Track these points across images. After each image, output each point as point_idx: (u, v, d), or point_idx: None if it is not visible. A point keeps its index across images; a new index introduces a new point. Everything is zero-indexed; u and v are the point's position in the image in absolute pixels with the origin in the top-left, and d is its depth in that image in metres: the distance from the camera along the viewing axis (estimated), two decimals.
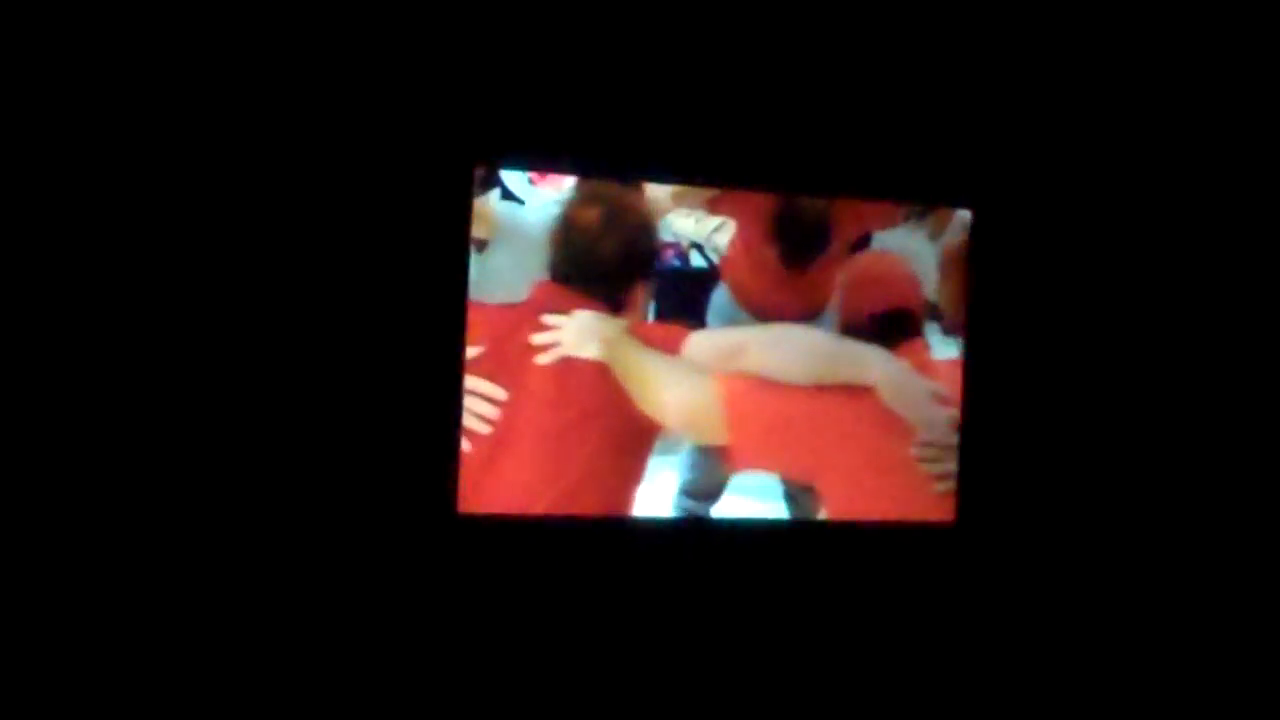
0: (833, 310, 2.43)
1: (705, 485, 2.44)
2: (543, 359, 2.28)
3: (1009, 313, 2.56)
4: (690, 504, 2.44)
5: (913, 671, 2.51)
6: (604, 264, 2.31)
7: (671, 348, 2.34)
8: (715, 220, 2.44)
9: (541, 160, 2.33)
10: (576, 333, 2.29)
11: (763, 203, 2.43)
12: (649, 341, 2.33)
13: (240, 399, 2.19)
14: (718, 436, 2.33)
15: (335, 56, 2.22)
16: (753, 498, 2.46)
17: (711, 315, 2.43)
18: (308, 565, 2.24)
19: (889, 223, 2.48)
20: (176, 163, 2.15)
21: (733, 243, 2.43)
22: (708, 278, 2.44)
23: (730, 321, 2.44)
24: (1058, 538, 2.59)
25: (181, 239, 2.16)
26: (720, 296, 2.44)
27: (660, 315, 2.41)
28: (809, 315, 2.44)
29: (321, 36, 2.21)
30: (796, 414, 2.34)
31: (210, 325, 2.18)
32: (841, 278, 2.43)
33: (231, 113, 2.18)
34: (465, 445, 2.27)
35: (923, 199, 2.51)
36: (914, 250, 2.49)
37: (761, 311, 2.43)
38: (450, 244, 2.28)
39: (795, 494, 2.46)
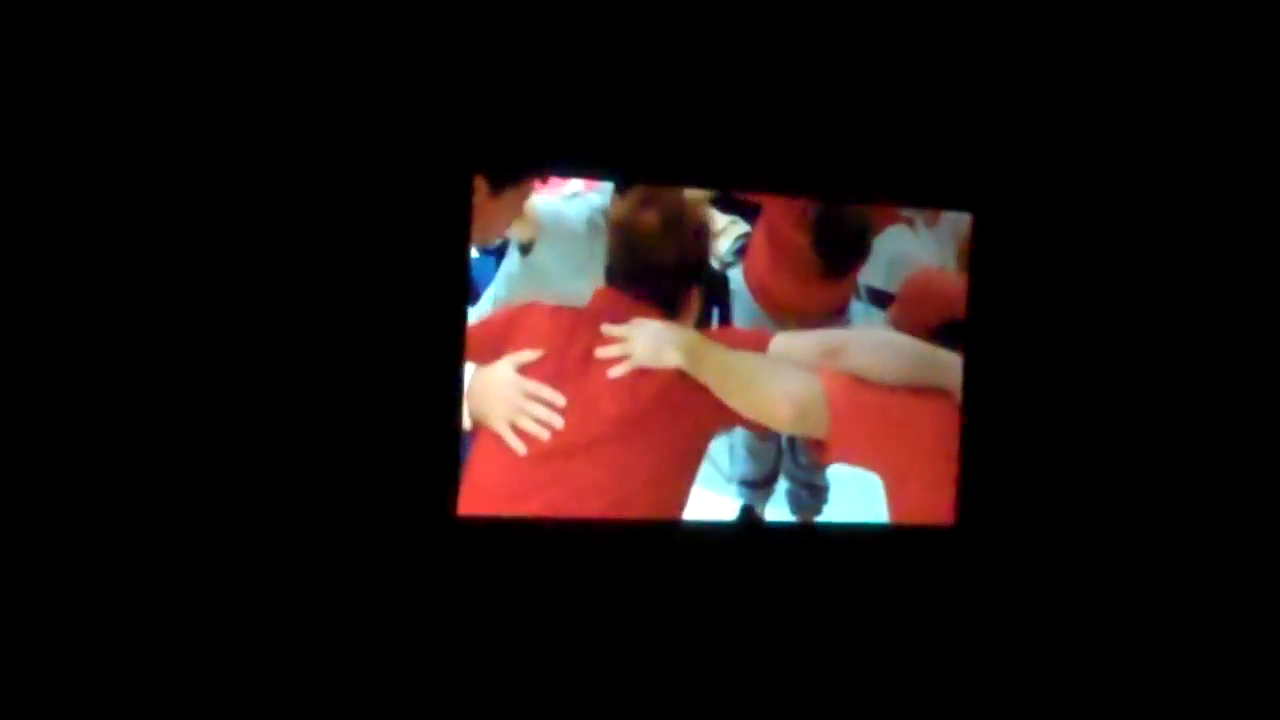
0: (891, 321, 2.51)
1: (759, 474, 2.51)
2: (615, 372, 2.29)
3: (1009, 314, 2.60)
4: (748, 493, 2.50)
5: (914, 674, 2.53)
6: (664, 268, 2.33)
7: (759, 347, 2.40)
8: (717, 225, 2.45)
9: (540, 165, 2.31)
10: (649, 342, 2.30)
11: (795, 202, 2.46)
12: (733, 344, 2.39)
13: (240, 402, 2.17)
14: (820, 430, 2.41)
15: (335, 65, 2.20)
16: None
17: (738, 315, 2.48)
18: (308, 567, 2.22)
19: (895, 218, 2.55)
20: (179, 165, 2.12)
21: (753, 241, 2.46)
22: (715, 281, 2.45)
23: (750, 321, 2.48)
24: (1058, 540, 2.63)
25: (182, 240, 2.13)
26: (743, 298, 2.48)
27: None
28: (833, 316, 2.50)
29: (321, 46, 2.19)
30: (889, 411, 2.45)
31: (210, 327, 2.16)
32: (900, 292, 2.52)
33: (232, 119, 2.15)
34: (521, 450, 2.26)
35: (922, 202, 2.55)
36: (935, 253, 2.58)
37: (779, 311, 2.47)
38: (451, 246, 2.26)
39: (801, 494, 2.52)
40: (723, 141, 2.42)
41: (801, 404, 2.38)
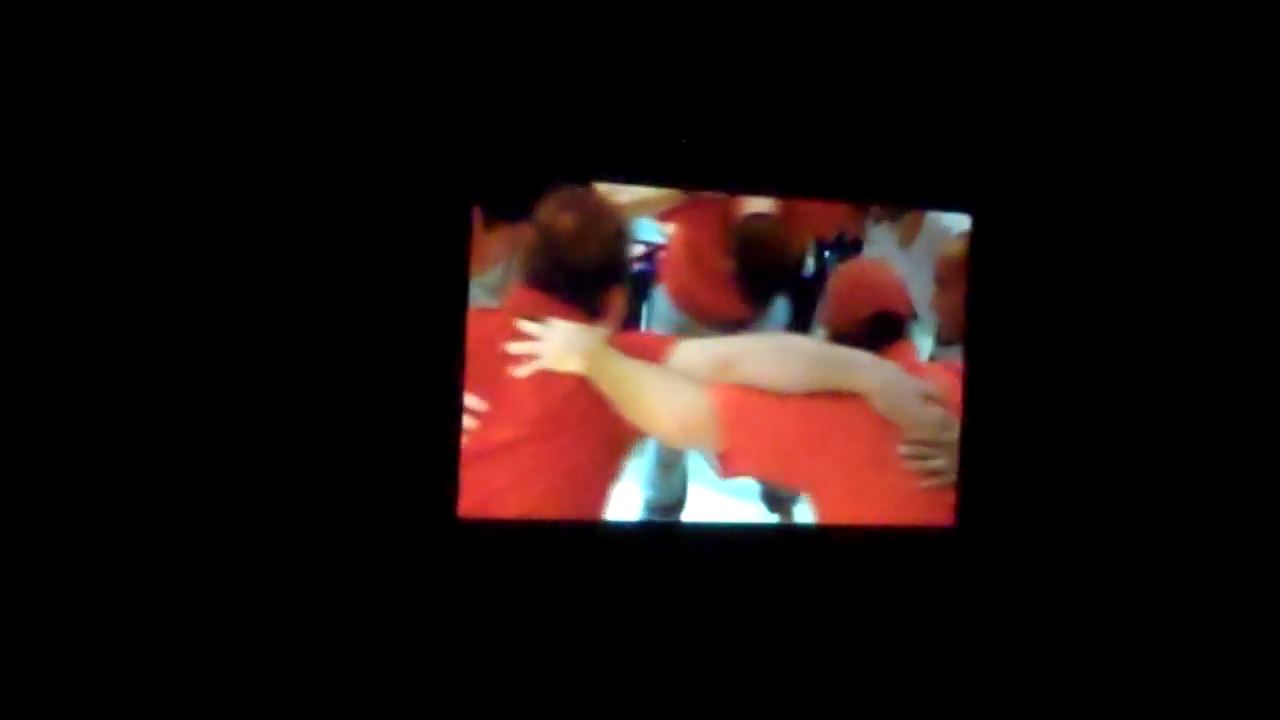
0: (821, 317, 2.46)
1: (666, 499, 2.47)
2: (520, 371, 2.29)
3: (1008, 316, 2.55)
4: (656, 518, 2.47)
5: (913, 674, 2.50)
6: (581, 270, 2.31)
7: (656, 356, 2.35)
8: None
9: (541, 182, 2.33)
10: (557, 345, 2.29)
11: (715, 212, 2.43)
12: (632, 351, 2.33)
13: (241, 406, 2.21)
14: (711, 444, 2.35)
15: (335, 86, 2.24)
16: (733, 497, 2.49)
17: (654, 320, 2.47)
18: (308, 569, 2.25)
19: (855, 228, 2.49)
20: (182, 179, 2.17)
21: (672, 245, 2.45)
22: (648, 281, 2.46)
23: (670, 324, 2.46)
24: (1058, 541, 2.58)
25: (183, 245, 2.17)
26: (660, 301, 2.46)
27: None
28: (754, 318, 2.47)
29: (321, 63, 2.23)
30: (789, 422, 2.36)
31: (211, 329, 2.19)
32: (829, 286, 2.47)
33: (233, 133, 2.18)
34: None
35: (922, 202, 2.51)
36: (888, 255, 2.51)
37: (706, 316, 2.45)
38: (450, 250, 2.28)
39: (774, 496, 2.49)
40: (722, 142, 2.42)
41: (685, 419, 2.32)
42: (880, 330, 2.42)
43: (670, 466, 2.46)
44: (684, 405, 2.32)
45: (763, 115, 2.43)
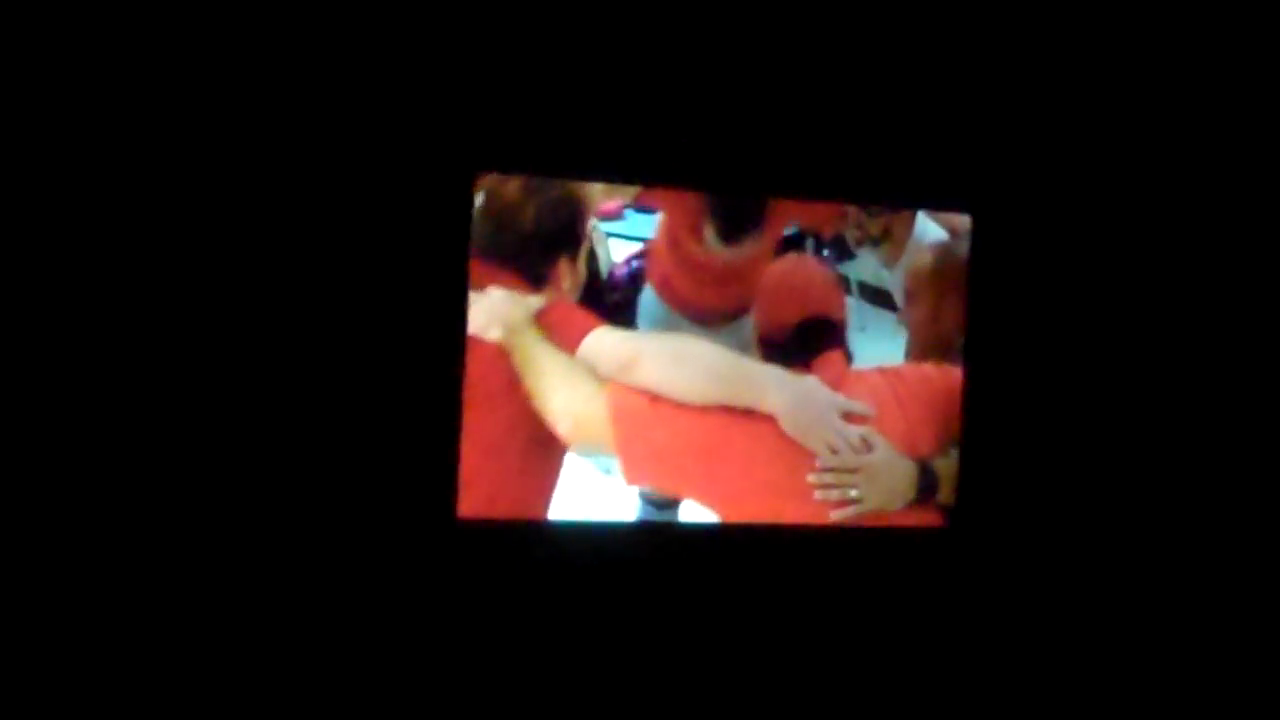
0: (751, 317, 2.36)
1: (660, 494, 2.39)
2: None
3: (1007, 315, 2.58)
4: (651, 511, 2.39)
5: (910, 674, 2.53)
6: (523, 235, 2.23)
7: (571, 342, 2.23)
8: None
9: (540, 165, 2.31)
10: (485, 312, 2.19)
11: (693, 200, 2.38)
12: (551, 332, 2.22)
13: (241, 405, 2.20)
14: (605, 447, 2.23)
15: (334, 67, 2.22)
16: None
17: (642, 317, 2.37)
18: (308, 569, 2.24)
19: (827, 224, 2.41)
20: (178, 166, 2.14)
21: (657, 238, 2.37)
22: (638, 279, 2.39)
23: (659, 321, 2.36)
24: (1054, 541, 2.61)
25: (181, 241, 2.15)
26: (648, 296, 2.37)
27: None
28: (738, 313, 2.37)
29: (320, 47, 2.21)
30: (688, 434, 2.23)
31: (211, 329, 2.18)
32: (762, 285, 2.36)
33: (232, 121, 2.17)
34: None
35: (922, 202, 2.52)
36: (875, 274, 2.44)
37: (688, 309, 2.36)
38: (450, 249, 2.26)
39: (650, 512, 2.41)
40: (721, 142, 2.43)
41: (577, 417, 2.19)
42: (808, 337, 2.32)
43: None
44: (579, 402, 2.19)
45: (762, 115, 2.45)
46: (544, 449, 2.25)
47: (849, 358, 2.36)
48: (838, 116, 2.48)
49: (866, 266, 2.44)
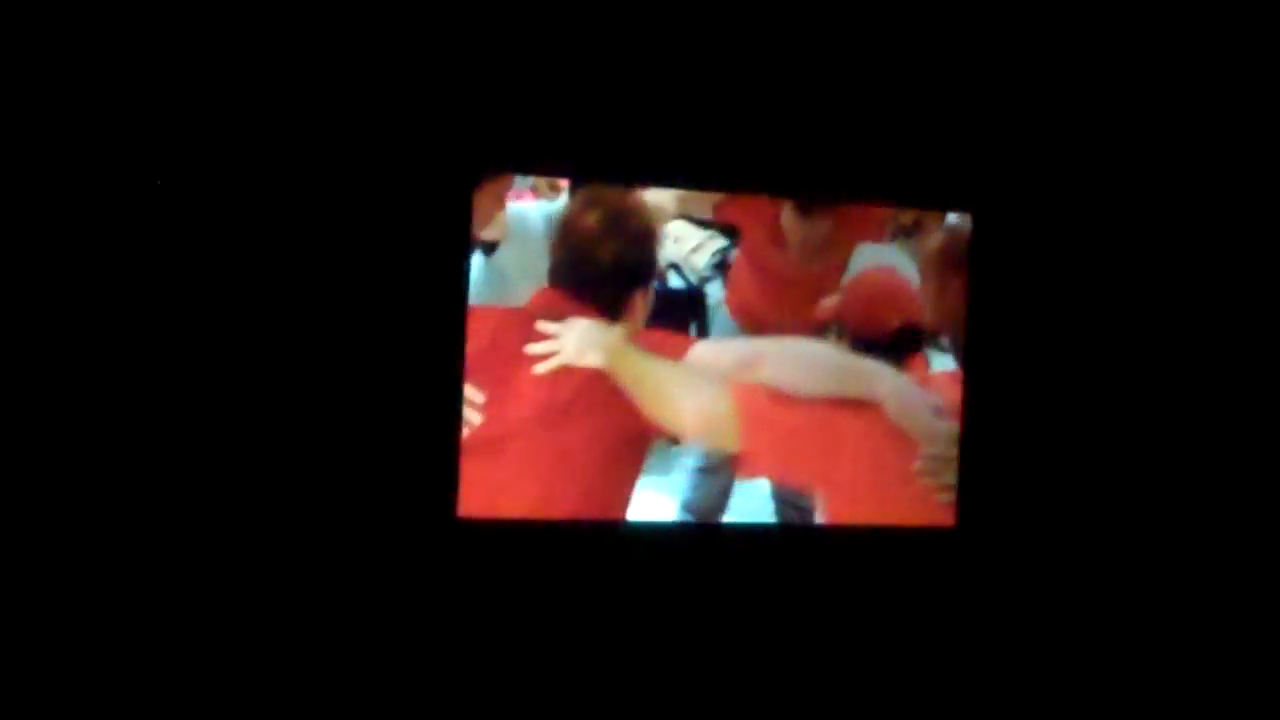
0: (841, 326, 2.45)
1: (707, 504, 2.47)
2: (541, 369, 2.27)
3: (1008, 315, 2.57)
4: (689, 519, 2.48)
5: (914, 674, 2.51)
6: (603, 269, 2.30)
7: (677, 355, 2.35)
8: (693, 241, 2.46)
9: (545, 165, 2.34)
10: (576, 341, 2.28)
11: (770, 207, 2.45)
12: (655, 349, 2.33)
13: (241, 404, 2.20)
14: (729, 443, 2.35)
15: (338, 65, 2.22)
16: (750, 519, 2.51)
17: (716, 331, 2.48)
18: (309, 569, 2.24)
19: (879, 234, 2.50)
20: (180, 164, 2.16)
21: (738, 260, 2.46)
22: (687, 298, 2.46)
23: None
24: (1058, 541, 2.60)
25: (182, 239, 2.16)
26: (721, 319, 2.48)
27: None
28: (810, 333, 2.47)
29: (325, 46, 2.22)
30: (806, 425, 2.36)
31: (212, 329, 2.18)
32: (847, 295, 2.47)
33: (236, 120, 2.18)
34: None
35: (922, 202, 2.52)
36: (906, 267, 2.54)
37: (763, 328, 2.46)
38: (451, 248, 2.28)
39: (789, 514, 2.51)
40: (721, 142, 2.42)
41: (707, 415, 2.32)
42: (901, 342, 2.44)
43: (715, 469, 2.45)
44: (706, 402, 2.32)
45: (763, 116, 2.44)
46: (623, 456, 2.35)
47: (928, 362, 2.51)
48: (838, 116, 2.49)
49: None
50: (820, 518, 2.45)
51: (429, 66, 2.27)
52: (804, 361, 2.39)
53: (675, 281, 2.45)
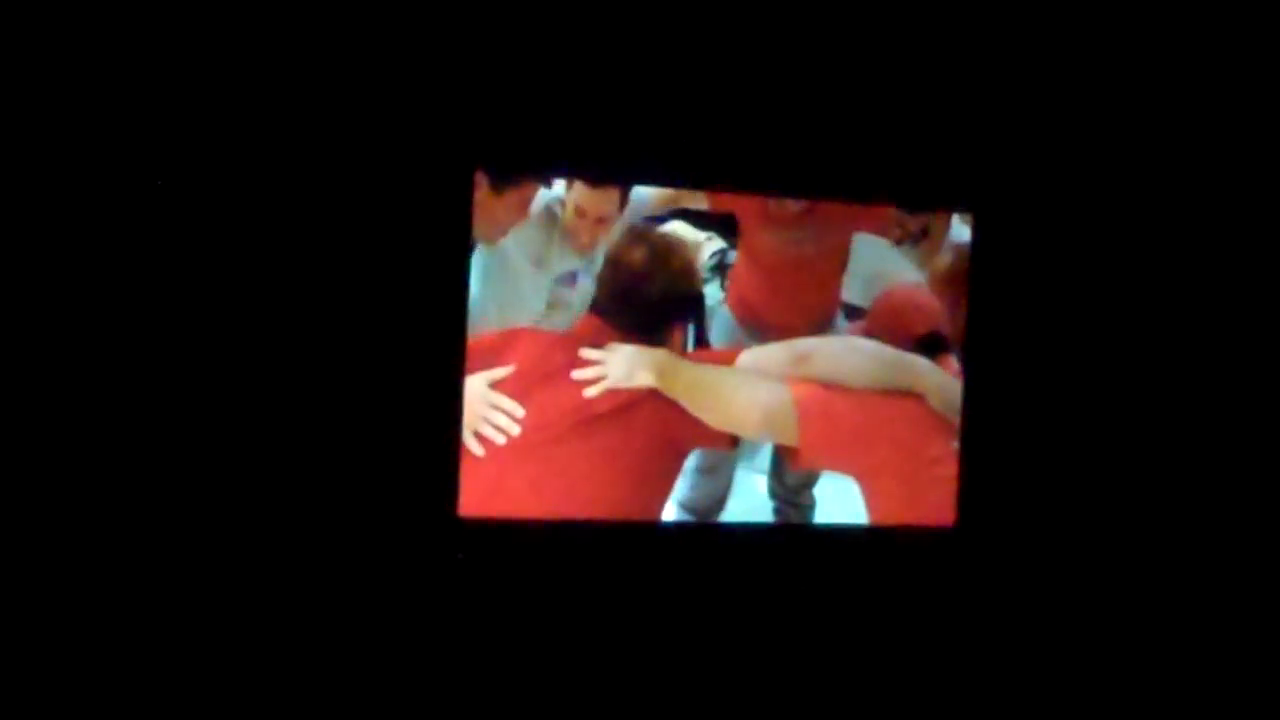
0: (868, 334, 2.53)
1: (705, 504, 2.52)
2: (591, 392, 2.34)
3: (1009, 315, 2.58)
4: (687, 519, 2.52)
5: (914, 674, 2.52)
6: (649, 302, 2.38)
7: (728, 363, 2.43)
8: (691, 242, 2.49)
9: (540, 164, 2.35)
10: (623, 364, 2.35)
11: (766, 208, 2.49)
12: (705, 360, 2.44)
13: (241, 404, 2.18)
14: (790, 437, 2.43)
15: (336, 62, 2.22)
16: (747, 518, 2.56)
17: (716, 342, 2.53)
18: (308, 568, 2.23)
19: (876, 222, 2.55)
20: (178, 162, 2.14)
21: (737, 262, 2.52)
22: (684, 298, 2.48)
23: (730, 340, 2.52)
24: (1059, 541, 2.59)
25: (180, 238, 2.15)
26: (722, 318, 2.53)
27: None
28: (819, 331, 2.52)
29: (322, 43, 2.21)
30: (859, 416, 2.45)
31: (211, 329, 2.17)
32: (873, 311, 2.57)
33: (232, 122, 2.16)
34: (479, 451, 2.31)
35: (922, 202, 2.53)
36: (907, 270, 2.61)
37: (764, 324, 2.51)
38: (451, 247, 2.28)
39: (788, 513, 2.58)
40: (723, 142, 2.42)
41: (769, 411, 2.39)
42: (927, 348, 2.53)
43: (714, 469, 2.52)
44: (767, 397, 2.39)
45: (765, 116, 2.44)
46: (656, 469, 2.42)
47: (955, 362, 2.58)
48: (839, 116, 2.49)
49: (854, 286, 2.57)
50: (866, 512, 2.50)
51: (429, 66, 2.26)
52: (853, 354, 2.48)
53: None
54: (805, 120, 2.47)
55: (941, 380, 2.50)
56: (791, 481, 2.57)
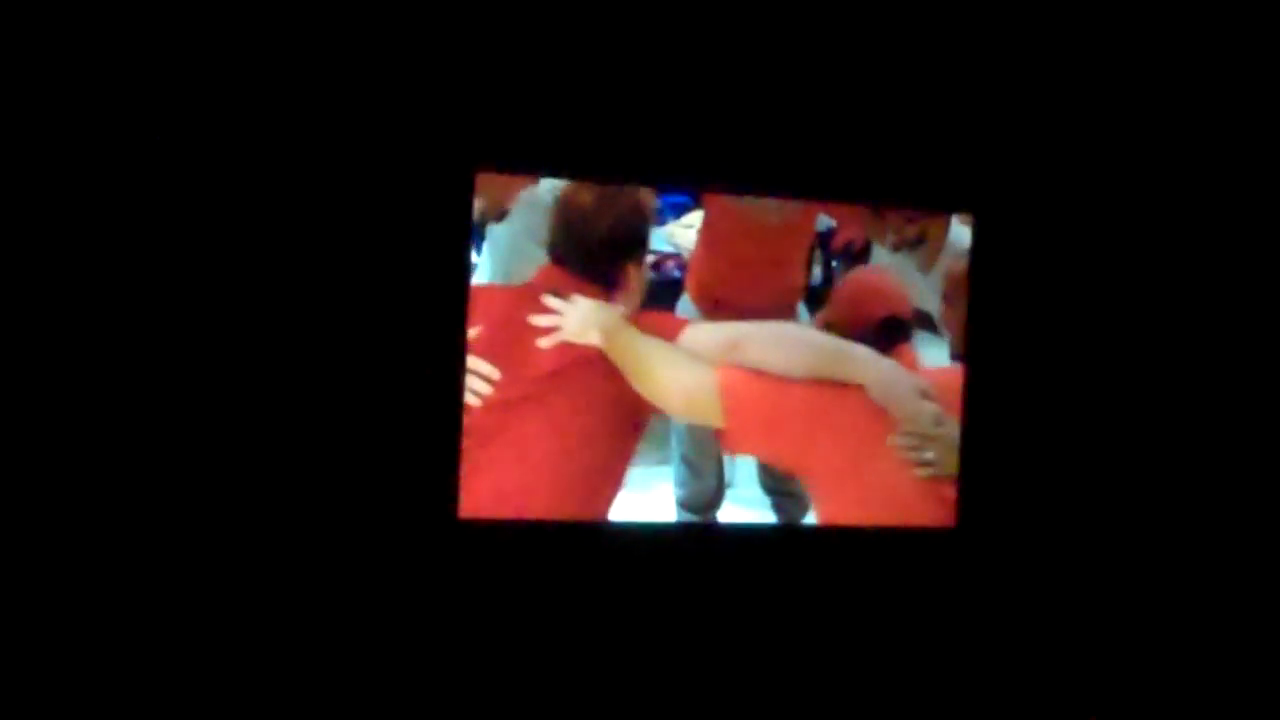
0: (828, 320, 2.52)
1: (698, 500, 2.55)
2: (544, 342, 2.35)
3: (1009, 315, 2.58)
4: (689, 517, 2.55)
5: (914, 674, 2.52)
6: (598, 244, 2.38)
7: (670, 336, 2.42)
8: (690, 218, 2.51)
9: (540, 163, 2.35)
10: (579, 320, 2.37)
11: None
12: (648, 329, 2.41)
13: (241, 404, 2.19)
14: (714, 420, 2.43)
15: (336, 61, 2.22)
16: (746, 506, 2.58)
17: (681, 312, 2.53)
18: (308, 568, 2.24)
19: (872, 231, 2.57)
20: (178, 162, 2.15)
21: (696, 243, 2.51)
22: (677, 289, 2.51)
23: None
24: (1058, 541, 2.60)
25: (179, 238, 2.15)
26: (684, 307, 2.53)
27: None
28: (775, 313, 2.51)
29: (323, 41, 2.21)
30: (789, 405, 2.44)
31: (211, 330, 2.17)
32: (835, 297, 2.56)
33: (231, 121, 2.17)
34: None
35: (924, 203, 2.54)
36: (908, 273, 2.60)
37: (727, 310, 2.49)
38: (451, 247, 2.29)
39: (783, 503, 2.58)
40: (723, 142, 2.43)
41: (690, 393, 2.41)
42: (886, 333, 2.50)
43: (699, 472, 2.55)
44: (691, 381, 2.40)
45: (766, 117, 2.44)
46: (619, 431, 2.44)
47: (915, 351, 2.56)
48: (840, 117, 2.49)
49: None
50: (810, 502, 2.50)
51: (430, 65, 2.27)
52: (785, 343, 2.46)
53: None
54: (806, 121, 2.47)
55: (883, 372, 2.47)
56: (778, 470, 2.56)
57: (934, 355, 2.57)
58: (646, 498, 2.47)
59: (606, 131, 2.37)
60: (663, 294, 2.48)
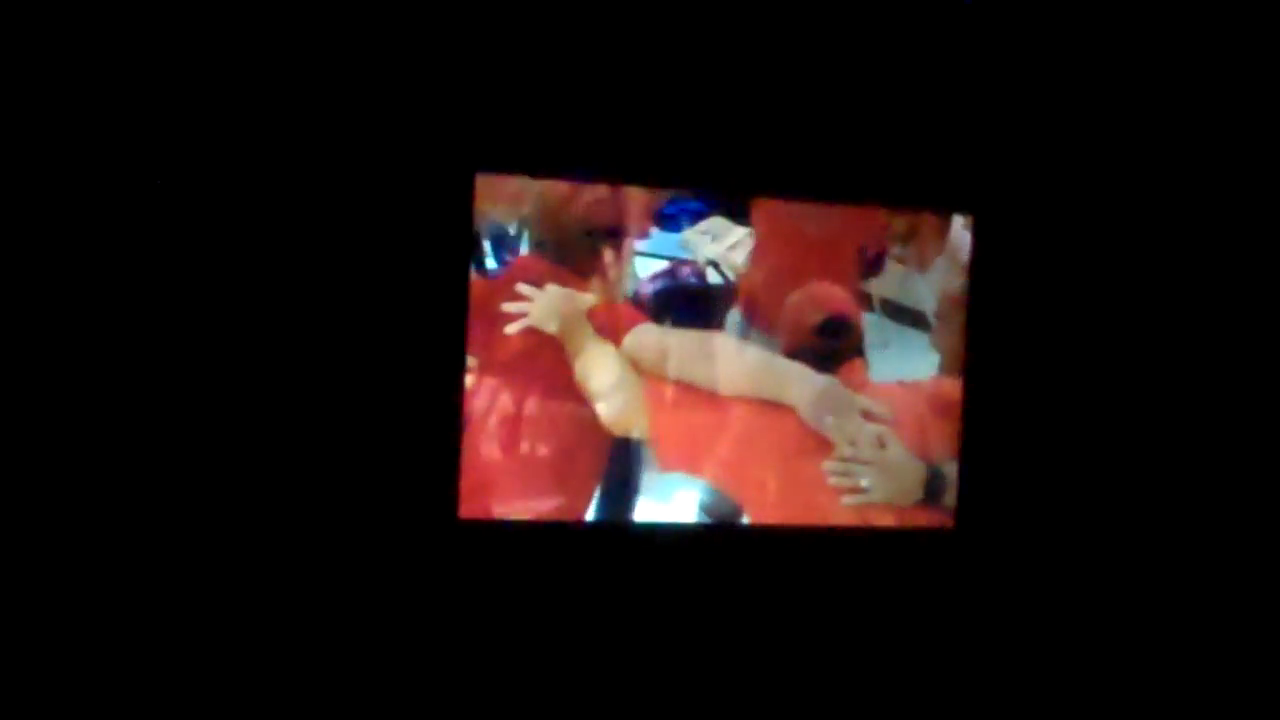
0: (777, 332, 2.47)
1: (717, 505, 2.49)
2: (511, 328, 2.35)
3: (1009, 316, 2.57)
4: (709, 519, 2.49)
5: (913, 674, 2.52)
6: (572, 227, 2.38)
7: (617, 334, 2.41)
8: (731, 238, 2.47)
9: (540, 166, 2.35)
10: (544, 307, 2.37)
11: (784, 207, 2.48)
12: (599, 326, 2.40)
13: (244, 406, 2.21)
14: (641, 431, 2.40)
15: (337, 64, 2.23)
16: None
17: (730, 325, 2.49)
18: (309, 569, 2.25)
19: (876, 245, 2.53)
20: (182, 165, 2.16)
21: (751, 263, 2.47)
22: (725, 294, 2.46)
23: (744, 338, 2.48)
24: (1057, 541, 2.60)
25: (183, 239, 2.17)
26: (735, 317, 2.48)
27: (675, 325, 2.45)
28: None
29: (321, 47, 2.22)
30: (717, 422, 2.43)
31: (212, 330, 2.19)
32: (784, 305, 2.49)
33: (233, 123, 2.19)
34: None
35: (924, 203, 2.52)
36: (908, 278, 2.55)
37: (770, 326, 2.46)
38: (453, 250, 2.30)
39: (714, 510, 2.51)
40: (724, 142, 2.42)
41: (615, 405, 2.39)
42: (828, 339, 2.47)
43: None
44: (620, 390, 2.39)
45: (766, 119, 2.45)
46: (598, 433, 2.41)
47: (868, 369, 2.51)
48: (840, 117, 2.49)
49: (890, 282, 2.53)
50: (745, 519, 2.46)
51: (431, 65, 2.27)
52: (712, 359, 2.43)
53: (715, 278, 2.46)
54: (806, 122, 2.47)
55: (816, 391, 2.44)
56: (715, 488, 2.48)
57: (919, 363, 2.52)
58: (667, 509, 2.43)
59: (606, 131, 2.37)
60: (679, 301, 2.44)
